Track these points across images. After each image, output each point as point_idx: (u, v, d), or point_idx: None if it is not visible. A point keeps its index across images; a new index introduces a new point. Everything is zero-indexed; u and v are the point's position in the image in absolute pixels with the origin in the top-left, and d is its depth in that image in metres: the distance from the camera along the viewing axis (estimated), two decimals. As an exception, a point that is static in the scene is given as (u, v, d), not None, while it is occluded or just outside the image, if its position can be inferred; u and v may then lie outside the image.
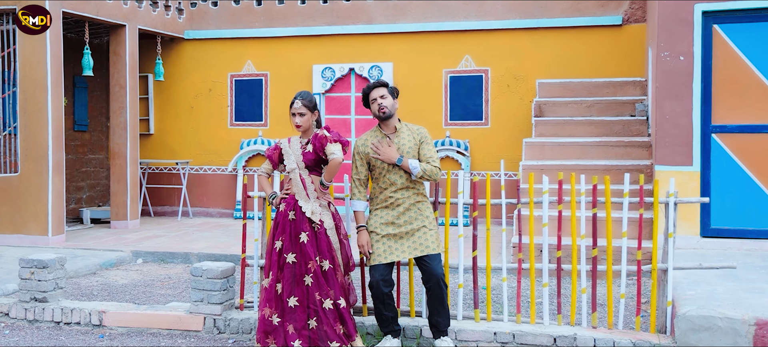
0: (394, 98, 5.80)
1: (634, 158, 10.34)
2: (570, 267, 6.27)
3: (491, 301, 7.44)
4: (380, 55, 13.14)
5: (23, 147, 10.60)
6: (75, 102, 13.72)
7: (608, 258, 6.12)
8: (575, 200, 6.26)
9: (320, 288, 5.72)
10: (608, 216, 6.13)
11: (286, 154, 5.93)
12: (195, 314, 6.44)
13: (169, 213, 14.02)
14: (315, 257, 5.73)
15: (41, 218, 10.51)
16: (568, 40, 12.58)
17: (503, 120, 12.75)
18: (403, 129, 5.84)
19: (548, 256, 7.49)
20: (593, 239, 6.15)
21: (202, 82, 13.91)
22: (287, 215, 5.80)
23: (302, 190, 5.81)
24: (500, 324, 6.23)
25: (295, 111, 5.88)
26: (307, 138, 5.94)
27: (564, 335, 5.95)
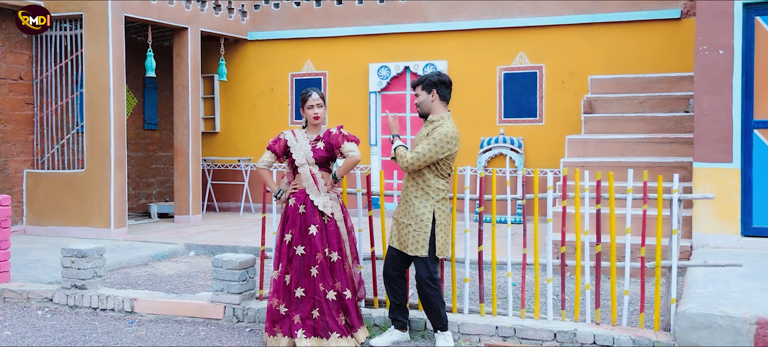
0: (428, 93, 5.88)
1: (679, 155, 10.21)
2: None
3: (498, 296, 7.56)
4: (435, 53, 13.32)
5: (89, 145, 11.28)
6: (145, 102, 14.41)
7: (612, 255, 6.17)
8: (579, 196, 6.35)
9: (324, 279, 5.99)
10: (612, 213, 6.19)
11: (293, 148, 6.13)
12: (216, 303, 6.81)
13: (232, 209, 14.58)
14: (323, 249, 6.00)
15: (104, 211, 11.16)
16: (623, 35, 12.47)
17: (558, 117, 12.74)
18: (435, 122, 5.85)
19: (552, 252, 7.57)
20: (597, 235, 6.21)
21: (265, 82, 14.40)
22: (297, 209, 6.06)
23: (313, 185, 6.07)
24: (503, 318, 6.36)
25: (313, 103, 6.13)
26: (315, 134, 6.19)
27: (564, 330, 6.05)
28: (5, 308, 7.30)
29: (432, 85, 5.86)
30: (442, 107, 5.89)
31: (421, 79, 5.92)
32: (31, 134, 11.89)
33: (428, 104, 5.89)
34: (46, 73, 11.81)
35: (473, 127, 13.11)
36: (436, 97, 5.87)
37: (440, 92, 5.87)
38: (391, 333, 6.14)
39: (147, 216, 13.74)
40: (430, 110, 5.91)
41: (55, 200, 11.51)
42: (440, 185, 5.84)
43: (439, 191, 5.83)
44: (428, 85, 5.87)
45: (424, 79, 5.90)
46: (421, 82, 5.92)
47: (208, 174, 14.58)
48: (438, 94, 5.86)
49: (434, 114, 5.88)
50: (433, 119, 5.86)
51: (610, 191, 6.21)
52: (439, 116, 5.86)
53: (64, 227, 11.40)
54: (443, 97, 5.89)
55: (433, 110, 5.89)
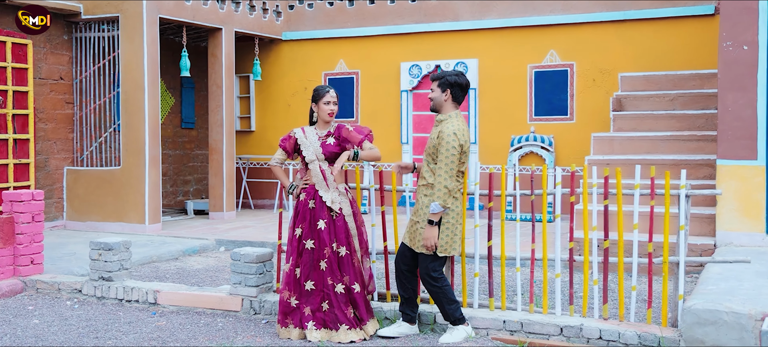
0: (442, 92, 5.98)
1: (706, 152, 10.15)
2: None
3: (507, 291, 7.65)
4: (466, 52, 13.41)
5: (125, 143, 11.64)
6: (182, 101, 14.76)
7: (620, 251, 6.23)
8: (587, 192, 6.42)
9: (333, 273, 6.17)
10: (619, 210, 6.25)
11: (303, 145, 6.31)
12: (234, 295, 7.03)
13: (267, 206, 14.84)
14: (331, 243, 6.17)
15: (139, 207, 11.51)
16: (656, 32, 12.41)
17: (589, 115, 12.73)
18: (443, 122, 5.94)
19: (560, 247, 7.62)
20: (604, 231, 6.27)
21: (299, 81, 14.63)
22: (307, 204, 6.26)
23: (322, 180, 6.25)
24: (512, 313, 6.45)
25: (330, 100, 6.31)
26: (326, 130, 6.36)
27: (571, 325, 6.12)
28: (37, 298, 7.63)
29: (448, 84, 5.96)
30: (452, 106, 6.00)
31: (440, 76, 6.02)
32: (71, 133, 12.29)
33: (440, 102, 6.01)
34: (86, 74, 12.21)
35: (504, 125, 13.17)
36: (449, 97, 5.98)
37: (454, 93, 5.98)
38: (399, 326, 6.28)
39: (184, 213, 14.07)
40: (440, 107, 6.03)
41: (94, 196, 11.89)
42: None
43: None
44: (444, 83, 5.97)
45: (442, 77, 6.00)
46: (438, 78, 6.02)
47: (244, 172, 14.87)
48: (451, 94, 5.97)
49: (443, 113, 6.00)
50: (441, 118, 5.98)
51: (617, 188, 6.25)
52: (446, 114, 5.98)
53: (102, 223, 11.78)
54: (456, 98, 6.01)
55: (443, 109, 6.01)
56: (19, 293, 7.80)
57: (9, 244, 7.84)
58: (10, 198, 7.90)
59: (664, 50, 12.30)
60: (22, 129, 10.83)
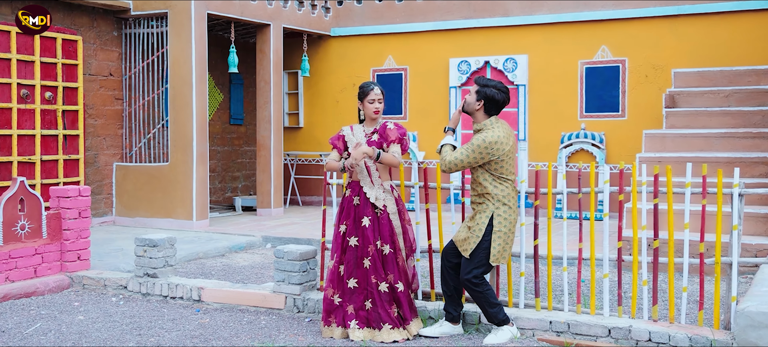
0: (477, 100, 5.88)
1: (763, 150, 9.86)
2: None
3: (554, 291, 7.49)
4: (515, 48, 13.23)
5: (173, 139, 11.71)
6: (231, 97, 14.83)
7: (670, 251, 6.05)
8: (637, 190, 6.24)
9: (377, 271, 6.09)
10: (670, 208, 6.07)
11: (349, 141, 6.25)
12: (277, 293, 6.99)
13: (315, 203, 14.84)
14: (375, 241, 6.09)
15: (187, 203, 11.57)
16: (711, 27, 12.11)
17: (641, 112, 12.47)
18: (481, 130, 5.87)
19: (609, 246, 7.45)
20: (654, 230, 6.09)
21: (347, 77, 14.59)
22: (352, 200, 6.20)
23: (367, 177, 6.17)
24: (558, 313, 6.30)
25: (375, 97, 6.21)
26: (373, 127, 6.29)
27: (619, 326, 5.96)
28: (83, 294, 7.69)
29: (484, 96, 5.87)
30: (484, 116, 5.92)
31: (481, 83, 5.93)
32: (120, 129, 12.42)
33: (472, 107, 5.93)
34: (135, 70, 12.32)
35: (554, 122, 12.97)
36: (482, 107, 5.90)
37: (487, 106, 5.90)
38: (442, 325, 6.18)
39: (232, 209, 14.14)
40: (472, 114, 5.95)
41: (142, 192, 12.00)
42: (498, 190, 5.82)
43: (496, 197, 5.82)
44: (481, 93, 5.88)
45: (483, 86, 5.91)
46: (479, 84, 5.93)
47: (292, 169, 14.88)
48: (484, 106, 5.89)
49: (477, 122, 5.93)
50: (477, 127, 5.92)
51: (668, 186, 6.07)
52: (481, 124, 5.90)
53: (150, 219, 11.87)
54: (488, 111, 5.92)
55: (476, 117, 5.95)
56: (66, 288, 7.87)
57: (56, 240, 7.91)
58: (57, 194, 7.97)
59: (719, 46, 11.99)
60: (71, 125, 10.97)
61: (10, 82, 10.19)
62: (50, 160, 10.68)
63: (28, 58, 10.34)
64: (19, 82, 10.29)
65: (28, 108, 10.41)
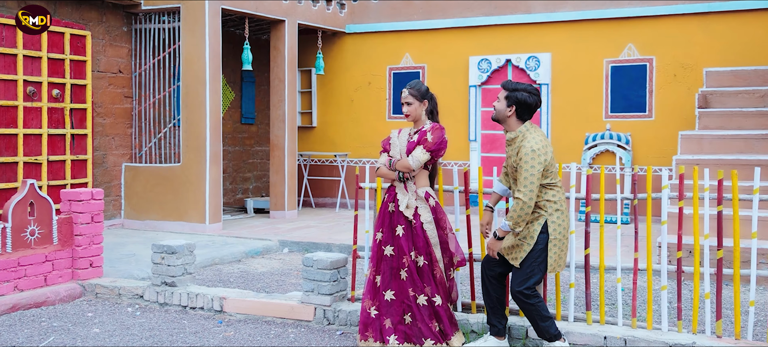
0: (507, 106, 5.45)
1: (807, 153, 9.45)
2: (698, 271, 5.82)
3: (606, 303, 7.04)
4: (538, 46, 12.78)
5: (185, 139, 11.24)
6: (242, 96, 14.36)
7: (735, 261, 5.61)
8: (698, 196, 5.78)
9: (414, 283, 5.64)
10: (736, 215, 5.62)
11: (393, 145, 5.85)
12: (306, 304, 6.54)
13: (329, 205, 14.38)
14: (409, 252, 5.65)
15: (200, 206, 11.10)
16: (743, 25, 11.68)
17: (669, 112, 12.03)
18: (516, 140, 5.43)
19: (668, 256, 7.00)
20: (718, 239, 5.65)
21: (362, 76, 14.14)
22: (387, 207, 5.77)
23: (400, 183, 5.74)
24: (612, 328, 5.88)
25: (403, 101, 5.81)
26: (418, 129, 5.85)
27: (681, 343, 5.52)
28: (96, 304, 7.22)
29: (515, 101, 5.40)
30: (517, 123, 5.46)
31: (510, 87, 5.47)
32: (130, 128, 11.95)
33: (503, 115, 5.47)
34: (145, 67, 11.85)
35: (578, 122, 12.52)
36: (514, 113, 5.44)
37: (519, 111, 5.43)
38: (486, 340, 5.73)
39: (243, 211, 13.67)
40: (503, 121, 5.50)
41: (152, 193, 11.52)
42: (550, 196, 5.37)
43: (549, 203, 5.36)
44: (511, 98, 5.42)
45: (512, 90, 5.44)
46: (508, 88, 5.48)
47: (305, 169, 14.43)
48: (516, 112, 5.43)
49: (510, 130, 5.46)
50: (511, 137, 5.45)
51: (733, 191, 5.63)
52: (515, 132, 5.44)
53: (161, 222, 11.39)
54: (520, 116, 5.46)
55: (508, 125, 5.49)
56: (78, 298, 7.40)
57: (67, 246, 7.45)
58: (68, 197, 7.50)
59: (752, 44, 11.56)
60: (79, 124, 10.49)
61: (16, 79, 9.70)
62: (57, 160, 10.19)
63: (34, 53, 9.85)
64: (26, 79, 9.80)
65: (34, 106, 9.93)
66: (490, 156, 13.04)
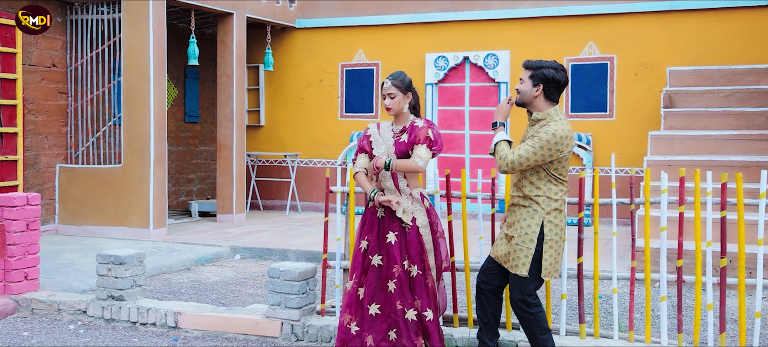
0: (534, 86, 4.87)
1: (779, 153, 9.22)
2: (693, 278, 5.41)
3: (599, 315, 6.61)
4: (497, 43, 12.36)
5: (126, 138, 10.48)
6: (186, 93, 13.61)
7: (740, 269, 5.22)
8: (700, 200, 5.37)
9: (403, 296, 5.07)
10: (740, 219, 5.23)
11: (375, 142, 5.20)
12: (272, 319, 5.94)
13: (278, 207, 13.74)
14: (402, 261, 5.08)
15: (143, 210, 10.35)
16: (704, 24, 11.44)
17: (630, 112, 11.74)
18: (542, 121, 4.91)
19: (667, 264, 6.61)
20: (722, 245, 5.25)
21: (313, 73, 13.54)
22: (376, 212, 5.16)
23: (392, 186, 5.16)
24: (607, 341, 5.46)
25: (384, 93, 5.18)
26: (402, 125, 5.23)
27: (683, 358, 5.10)
28: (33, 321, 6.48)
29: (542, 79, 4.84)
30: (546, 104, 4.88)
31: (534, 65, 4.90)
32: (65, 126, 11.12)
33: (529, 98, 4.89)
34: (82, 60, 11.04)
35: (538, 122, 12.13)
36: (541, 93, 4.86)
37: (548, 90, 4.86)
38: (477, 358, 5.21)
39: (187, 215, 12.93)
40: (530, 104, 4.93)
41: (90, 197, 10.72)
42: (553, 193, 4.84)
43: (550, 200, 4.84)
44: (538, 77, 4.85)
45: (537, 67, 4.88)
46: (532, 67, 4.91)
47: (252, 170, 13.75)
48: (544, 91, 4.87)
49: (538, 111, 4.90)
50: (538, 117, 4.87)
51: (738, 195, 5.26)
52: (543, 113, 4.87)
53: (100, 227, 10.61)
54: (550, 96, 4.88)
55: (535, 106, 4.90)
56: (11, 314, 6.64)
57: (0, 256, 6.69)
58: (0, 203, 6.73)
59: (714, 43, 11.35)
60: (9, 122, 9.64)
61: (-60, 72, 8.85)
62: (-15, 161, 9.36)
63: (-40, 44, 9.00)
64: (-50, 72, 8.94)
65: (-40, 101, 9.07)
66: (447, 157, 12.57)
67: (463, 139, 12.55)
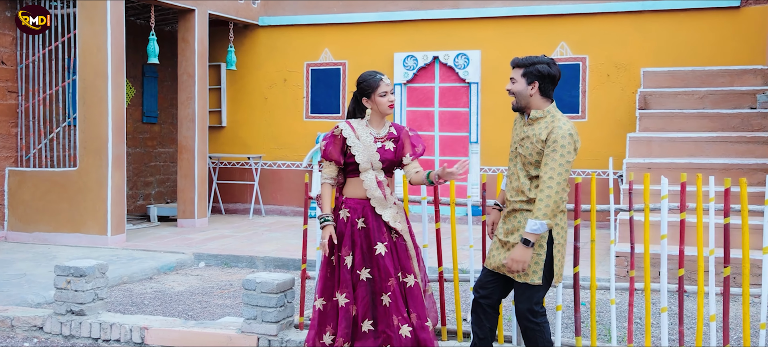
0: (528, 84, 4.51)
1: (759, 156, 9.08)
2: (694, 287, 5.14)
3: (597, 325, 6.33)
4: (467, 43, 12.07)
5: (82, 139, 9.95)
6: (144, 92, 13.09)
7: (744, 278, 4.96)
8: (702, 206, 5.10)
9: (399, 310, 4.68)
10: (744, 225, 4.97)
11: (354, 147, 4.73)
12: (247, 333, 5.53)
13: (240, 211, 13.28)
14: (396, 273, 4.70)
15: (100, 216, 9.83)
16: (677, 25, 11.30)
17: (602, 113, 11.54)
18: (543, 119, 4.53)
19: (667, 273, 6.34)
20: (725, 253, 4.98)
21: (277, 72, 13.11)
22: (355, 224, 4.75)
23: (380, 195, 4.76)
24: (607, 355, 5.17)
25: (387, 89, 4.74)
26: (379, 128, 4.81)
27: (687, 373, 4.82)
28: (-16, 337, 5.99)
29: (536, 76, 4.48)
30: (543, 102, 4.53)
31: (525, 62, 4.54)
32: (15, 127, 10.54)
33: (525, 96, 4.51)
34: (33, 58, 10.47)
35: (509, 123, 11.81)
36: (537, 91, 4.50)
37: (543, 86, 4.49)
38: (474, 377, 4.86)
39: (146, 219, 12.40)
40: (525, 103, 4.58)
41: (43, 202, 10.16)
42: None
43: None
44: (531, 74, 4.49)
45: (529, 64, 4.51)
46: (523, 65, 4.54)
47: (214, 173, 13.27)
48: (539, 88, 4.51)
49: (537, 108, 4.54)
50: (538, 115, 4.52)
51: (742, 200, 4.99)
52: (543, 111, 4.54)
53: (53, 234, 10.06)
54: (545, 92, 4.53)
55: (532, 105, 4.56)
56: (-38, 329, 6.14)
57: (-51, 266, 6.19)
58: (-50, 208, 6.23)
59: (686, 45, 11.23)
60: (-41, 122, 9.09)
61: None
62: (-69, 163, 8.78)
63: None
64: None
65: None
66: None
67: (433, 140, 12.24)
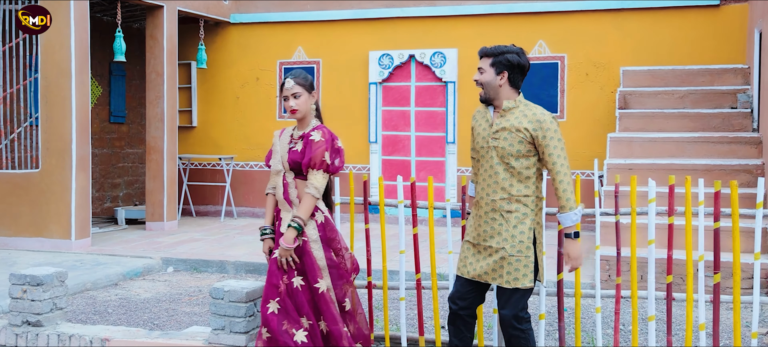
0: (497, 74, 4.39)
1: (741, 156, 8.93)
2: (691, 298, 4.92)
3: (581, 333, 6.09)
4: (443, 41, 11.83)
5: (44, 140, 9.59)
6: (111, 91, 12.71)
7: (735, 284, 4.76)
8: (691, 209, 4.90)
9: (288, 315, 4.60)
10: (735, 229, 4.77)
11: (274, 150, 4.68)
12: (215, 345, 5.24)
13: (212, 213, 12.95)
14: (292, 277, 4.58)
15: (64, 219, 9.48)
16: (656, 23, 11.13)
17: (581, 113, 11.35)
18: (517, 108, 4.37)
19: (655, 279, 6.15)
20: (715, 260, 4.77)
21: (249, 71, 12.79)
22: (278, 228, 4.67)
23: (282, 197, 4.59)
24: (594, 367, 4.94)
25: (287, 93, 4.53)
26: (303, 130, 4.60)
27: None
28: (-65, 350, 5.65)
29: (505, 66, 4.34)
30: (512, 93, 4.37)
31: (494, 51, 4.40)
32: (-26, 127, 10.17)
33: (494, 87, 4.35)
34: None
35: (487, 124, 11.65)
36: (506, 81, 4.36)
37: (513, 77, 4.37)
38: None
39: (113, 222, 12.03)
40: (495, 95, 4.37)
41: (3, 205, 9.78)
42: (540, 191, 4.40)
43: (538, 200, 4.38)
44: (500, 64, 4.35)
45: (498, 53, 4.38)
46: (492, 53, 4.40)
47: (184, 174, 12.92)
48: (509, 78, 4.36)
49: (507, 99, 4.36)
50: (511, 106, 4.34)
51: (733, 202, 4.78)
52: (514, 100, 4.36)
53: (13, 238, 9.68)
54: (514, 83, 4.38)
55: (502, 95, 4.36)
56: None
57: None
58: None
59: (666, 43, 11.06)
60: None
61: None
62: None
63: None
64: None
65: None
66: (392, 159, 11.99)
67: (409, 140, 11.98)
